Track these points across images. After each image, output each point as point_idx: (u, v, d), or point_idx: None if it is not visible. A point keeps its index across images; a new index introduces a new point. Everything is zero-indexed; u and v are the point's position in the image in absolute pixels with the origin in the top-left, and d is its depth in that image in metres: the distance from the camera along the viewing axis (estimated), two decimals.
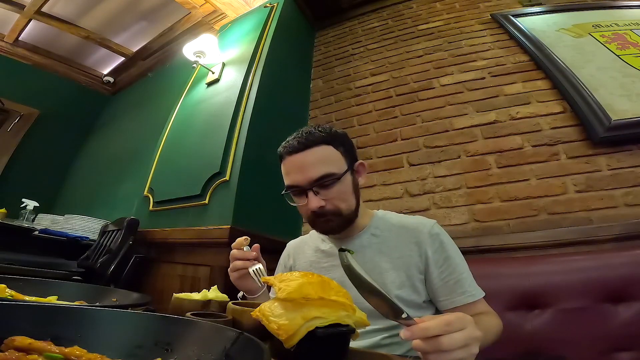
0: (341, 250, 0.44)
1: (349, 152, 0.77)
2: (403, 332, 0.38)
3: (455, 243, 0.77)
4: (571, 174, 1.26)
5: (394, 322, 0.67)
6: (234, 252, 0.72)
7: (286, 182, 0.75)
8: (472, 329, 0.40)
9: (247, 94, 1.68)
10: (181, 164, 1.72)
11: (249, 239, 0.73)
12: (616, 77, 1.34)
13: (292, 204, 0.78)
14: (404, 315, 0.38)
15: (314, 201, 0.70)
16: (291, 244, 0.97)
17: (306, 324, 0.37)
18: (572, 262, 0.96)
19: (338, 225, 0.74)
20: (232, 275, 0.74)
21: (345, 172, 0.73)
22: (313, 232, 0.92)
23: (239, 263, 0.71)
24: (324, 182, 0.70)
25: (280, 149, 0.77)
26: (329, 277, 0.73)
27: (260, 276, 0.68)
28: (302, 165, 0.72)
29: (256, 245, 0.73)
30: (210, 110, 1.80)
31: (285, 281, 0.42)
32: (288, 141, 0.76)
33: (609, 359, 0.82)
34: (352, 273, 0.41)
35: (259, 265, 0.70)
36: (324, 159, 0.72)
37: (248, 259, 0.71)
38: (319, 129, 0.76)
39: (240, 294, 0.80)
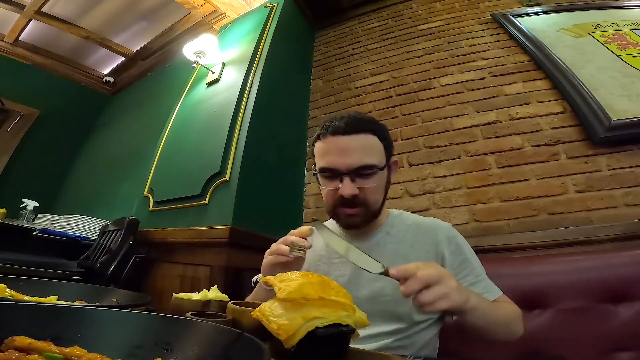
0: (314, 220, 0.50)
1: (389, 147, 0.75)
2: (391, 271, 0.48)
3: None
4: (571, 174, 1.26)
5: (399, 326, 0.69)
6: (290, 238, 0.64)
7: (321, 163, 0.72)
8: (439, 267, 0.51)
9: (247, 94, 1.68)
10: (181, 164, 1.72)
11: (314, 230, 0.66)
12: (616, 77, 1.34)
13: (321, 186, 0.74)
14: (384, 266, 0.50)
15: (349, 187, 0.67)
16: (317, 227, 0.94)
17: (306, 324, 0.37)
18: (572, 262, 0.96)
19: (362, 220, 0.72)
20: (268, 259, 0.66)
21: (384, 166, 0.71)
22: (326, 224, 0.89)
23: (284, 247, 0.64)
24: (364, 171, 0.68)
25: (320, 129, 0.74)
26: (339, 274, 0.74)
27: (300, 251, 0.62)
28: (345, 149, 0.68)
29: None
30: (210, 110, 1.80)
31: (285, 281, 0.42)
32: (333, 121, 0.72)
33: (609, 359, 0.82)
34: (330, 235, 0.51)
35: (301, 242, 0.63)
36: (368, 148, 0.69)
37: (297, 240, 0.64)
38: (365, 116, 0.74)
39: (256, 278, 0.77)
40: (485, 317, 0.58)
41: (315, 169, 0.74)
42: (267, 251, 0.67)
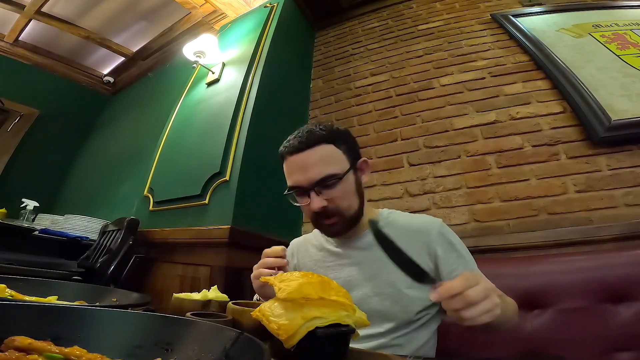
0: (372, 222, 0.51)
1: (352, 150, 0.75)
2: (432, 295, 0.44)
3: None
4: (571, 174, 1.26)
5: (395, 325, 0.69)
6: (268, 260, 0.67)
7: (288, 182, 0.74)
8: (485, 281, 0.47)
9: (247, 94, 1.68)
10: (181, 164, 1.72)
11: (286, 249, 0.70)
12: (616, 77, 1.34)
13: (295, 204, 0.77)
14: (432, 278, 0.46)
15: (316, 202, 0.69)
16: (294, 243, 0.95)
17: (306, 324, 0.37)
18: (572, 262, 0.96)
19: (342, 227, 0.73)
20: (254, 283, 0.69)
21: (348, 171, 0.71)
22: (317, 230, 0.91)
23: (265, 271, 0.66)
24: (326, 182, 0.69)
25: (281, 148, 0.75)
26: (334, 276, 0.74)
27: None
28: (303, 166, 0.70)
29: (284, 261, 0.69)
30: (210, 110, 1.80)
31: (285, 281, 0.42)
32: (289, 140, 0.74)
33: (609, 359, 0.82)
34: (384, 238, 0.48)
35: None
36: (325, 159, 0.70)
37: (273, 266, 0.67)
38: (320, 127, 0.74)
39: (256, 297, 0.79)
40: (502, 317, 0.56)
41: (287, 190, 0.76)
42: (252, 276, 0.69)
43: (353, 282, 0.74)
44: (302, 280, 0.41)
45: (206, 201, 1.47)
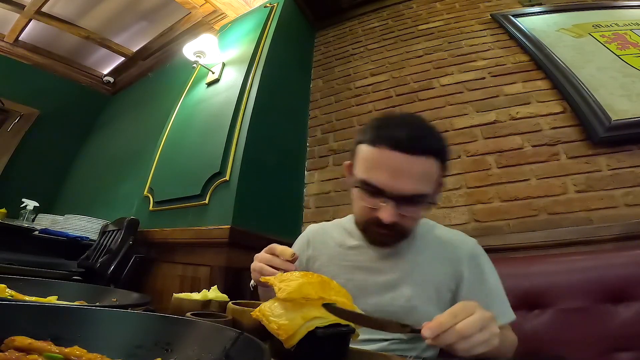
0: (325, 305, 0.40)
1: (445, 171, 0.63)
2: (423, 332, 0.39)
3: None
4: (571, 174, 1.26)
5: (403, 337, 0.65)
6: (276, 261, 0.58)
7: (365, 175, 0.61)
8: (481, 311, 0.42)
9: (247, 94, 1.68)
10: (181, 164, 1.72)
11: (296, 255, 0.59)
12: (616, 77, 1.34)
13: (354, 194, 0.66)
14: (410, 326, 0.39)
15: (391, 214, 0.58)
16: (312, 231, 0.85)
17: (306, 324, 0.37)
18: (572, 262, 0.96)
19: (394, 242, 0.67)
20: (253, 274, 0.62)
21: (434, 193, 0.62)
22: (339, 222, 0.84)
23: (268, 269, 0.58)
24: (414, 200, 0.59)
25: (377, 132, 0.61)
26: (347, 278, 0.70)
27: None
28: (401, 171, 0.57)
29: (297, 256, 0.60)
30: (210, 110, 1.80)
31: (285, 281, 0.42)
32: (393, 128, 0.59)
33: (609, 359, 0.82)
34: (344, 313, 0.40)
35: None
36: (428, 176, 0.59)
37: (279, 268, 0.58)
38: (432, 129, 0.62)
39: (252, 283, 0.71)
40: (495, 352, 0.51)
41: (354, 175, 0.64)
42: (252, 266, 0.62)
43: (367, 289, 0.68)
44: (302, 280, 0.41)
45: (206, 201, 1.47)
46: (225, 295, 0.68)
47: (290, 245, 0.86)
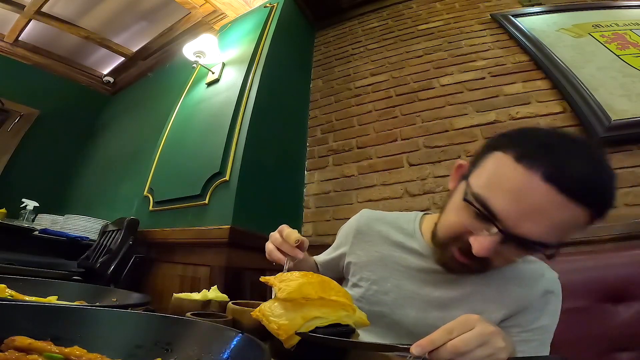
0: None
1: (590, 225, 0.47)
2: (412, 349, 0.35)
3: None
4: None
5: (409, 339, 0.61)
6: (285, 246, 0.56)
7: (486, 191, 0.47)
8: (483, 325, 0.37)
9: (247, 94, 1.68)
10: (181, 164, 1.72)
11: (299, 241, 0.57)
12: (616, 77, 1.34)
13: (451, 204, 0.55)
14: (396, 345, 0.36)
15: (488, 249, 0.46)
16: (365, 219, 0.75)
17: (306, 324, 0.37)
18: (572, 262, 0.96)
19: (467, 272, 0.57)
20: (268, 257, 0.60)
21: (559, 246, 0.47)
22: (397, 217, 0.74)
23: (276, 254, 0.58)
24: (529, 246, 0.46)
25: (537, 150, 0.44)
26: (394, 284, 0.64)
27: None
28: (541, 212, 0.43)
29: (303, 240, 0.56)
30: (210, 110, 1.80)
31: (285, 281, 0.42)
32: (564, 155, 0.43)
33: (609, 359, 0.82)
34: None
35: (289, 263, 0.57)
36: (568, 226, 0.45)
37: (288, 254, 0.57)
38: (611, 179, 0.44)
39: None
40: None
41: (467, 182, 0.51)
42: (266, 244, 0.61)
43: (414, 301, 0.61)
44: (302, 280, 0.41)
45: (206, 201, 1.47)
46: (225, 295, 0.68)
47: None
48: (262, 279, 0.48)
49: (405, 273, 0.64)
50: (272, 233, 0.61)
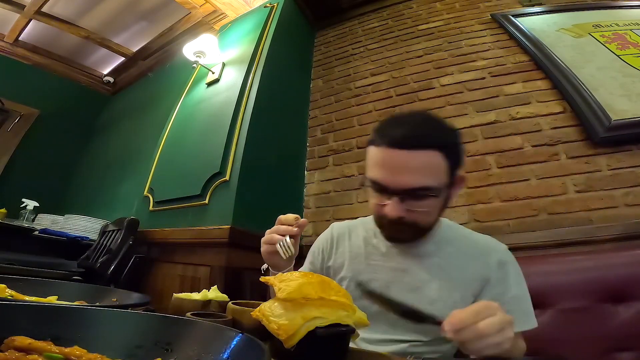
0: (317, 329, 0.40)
1: (457, 163, 0.62)
2: (444, 325, 0.41)
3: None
4: (571, 174, 1.26)
5: (422, 339, 0.65)
6: (281, 227, 0.66)
7: (371, 173, 0.63)
8: (502, 314, 0.42)
9: (247, 94, 1.68)
10: (181, 164, 1.72)
11: (299, 217, 0.66)
12: (616, 77, 1.34)
13: (366, 192, 0.69)
14: (433, 316, 0.43)
15: (395, 209, 0.60)
16: (336, 229, 0.85)
17: (306, 324, 0.37)
18: (572, 262, 0.96)
19: (410, 237, 0.67)
20: (263, 247, 0.69)
21: (445, 186, 0.61)
22: (365, 220, 0.83)
23: (275, 236, 0.66)
24: (417, 193, 0.59)
25: (378, 132, 0.62)
26: (372, 277, 0.72)
27: (286, 251, 0.63)
28: (400, 167, 0.59)
29: (303, 221, 0.66)
30: (210, 110, 1.80)
31: (285, 281, 0.42)
32: (392, 127, 0.61)
33: (609, 359, 0.82)
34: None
35: (287, 238, 0.64)
36: (428, 168, 0.58)
37: (284, 234, 0.65)
38: (434, 124, 0.62)
39: (264, 266, 0.76)
40: (505, 355, 0.52)
41: (364, 176, 0.66)
42: (262, 240, 0.69)
43: (390, 289, 0.68)
44: (302, 280, 0.41)
45: (206, 201, 1.47)
46: (225, 295, 0.68)
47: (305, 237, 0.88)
48: (262, 279, 0.48)
49: (376, 266, 0.73)
50: (267, 230, 0.69)
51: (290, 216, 0.65)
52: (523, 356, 0.63)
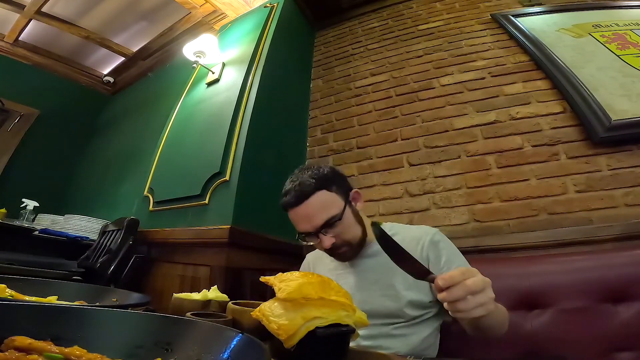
0: (373, 224, 0.53)
1: (342, 187, 0.83)
2: (437, 280, 0.45)
3: (455, 246, 0.82)
4: (571, 174, 1.26)
5: (396, 321, 0.75)
6: None
7: (297, 229, 0.82)
8: (481, 275, 0.48)
9: (247, 94, 1.68)
10: (181, 164, 1.72)
11: None
12: (616, 77, 1.34)
13: (308, 244, 0.85)
14: (431, 276, 0.48)
15: (326, 241, 0.77)
16: (310, 256, 1.05)
17: (306, 324, 0.37)
18: (572, 262, 0.96)
19: (352, 253, 0.83)
20: None
21: (344, 208, 0.79)
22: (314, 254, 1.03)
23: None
24: (329, 224, 0.77)
25: (281, 202, 0.82)
26: (345, 282, 0.82)
27: None
28: (305, 216, 0.78)
29: None
30: (210, 110, 1.80)
31: (285, 281, 0.42)
32: (285, 195, 0.81)
33: (609, 359, 0.82)
34: (386, 239, 0.49)
35: None
36: (323, 205, 0.77)
37: None
38: (309, 175, 0.80)
39: None
40: (494, 317, 0.62)
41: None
42: None
43: (360, 286, 0.82)
44: (302, 280, 0.41)
45: (206, 201, 1.47)
46: (225, 295, 0.68)
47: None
48: (262, 279, 0.48)
49: (342, 275, 0.87)
50: None
51: None
52: (506, 320, 0.69)
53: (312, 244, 0.83)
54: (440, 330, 0.81)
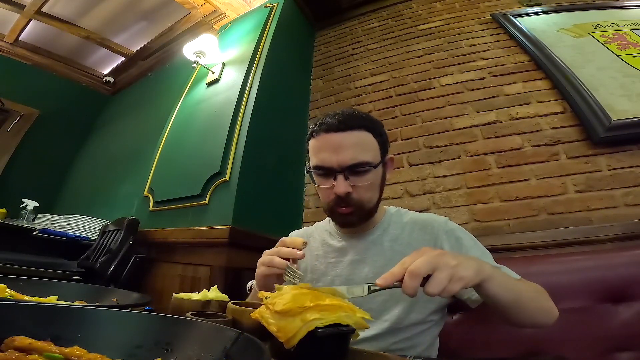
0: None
1: (385, 144, 0.73)
2: (377, 281, 0.44)
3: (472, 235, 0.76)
4: (571, 174, 1.26)
5: (393, 325, 0.68)
6: (283, 250, 0.62)
7: (314, 160, 0.71)
8: (431, 251, 0.45)
9: (247, 94, 1.68)
10: (181, 164, 1.72)
11: (307, 243, 0.63)
12: (616, 77, 1.34)
13: (314, 184, 0.74)
14: (368, 285, 0.45)
15: (342, 185, 0.66)
16: (294, 235, 0.91)
17: (306, 325, 0.37)
18: (572, 262, 0.96)
19: (357, 218, 0.72)
20: (260, 269, 0.63)
21: (379, 163, 0.70)
22: (320, 224, 0.91)
23: (278, 260, 0.61)
24: (358, 168, 0.67)
25: (313, 126, 0.73)
26: (335, 273, 0.76)
27: (294, 278, 0.58)
28: (338, 146, 0.67)
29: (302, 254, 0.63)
30: (210, 110, 1.80)
31: (278, 297, 0.42)
32: (325, 119, 0.71)
33: (609, 359, 0.82)
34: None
35: (293, 265, 0.61)
36: (362, 145, 0.68)
37: (287, 257, 0.61)
38: (361, 113, 0.73)
39: (250, 284, 0.79)
40: (506, 287, 0.53)
41: (309, 167, 0.73)
42: (260, 261, 0.64)
43: (354, 281, 0.73)
44: (295, 291, 0.41)
45: (206, 201, 1.47)
46: (225, 295, 0.68)
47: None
48: (253, 315, 0.43)
49: (332, 264, 0.78)
50: (265, 251, 0.65)
51: (297, 240, 0.62)
52: (540, 296, 0.64)
53: (317, 185, 0.72)
54: (440, 331, 0.79)
